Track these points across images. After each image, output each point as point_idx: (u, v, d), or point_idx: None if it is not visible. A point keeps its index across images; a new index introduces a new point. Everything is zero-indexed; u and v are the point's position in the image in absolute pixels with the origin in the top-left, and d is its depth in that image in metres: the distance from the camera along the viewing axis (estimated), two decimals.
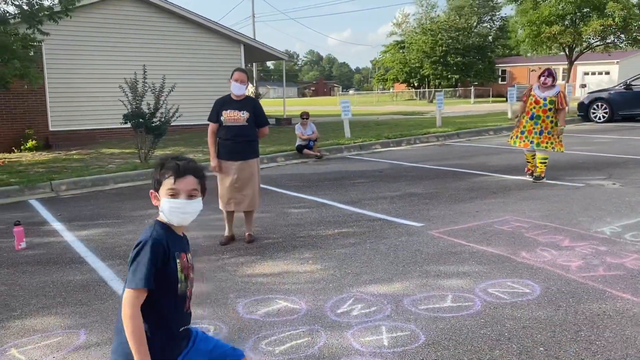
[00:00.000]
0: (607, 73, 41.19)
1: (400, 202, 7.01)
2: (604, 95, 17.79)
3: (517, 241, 5.10)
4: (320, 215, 6.47)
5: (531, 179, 8.03)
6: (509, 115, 18.92)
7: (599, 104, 17.62)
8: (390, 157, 11.45)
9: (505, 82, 47.89)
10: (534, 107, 7.81)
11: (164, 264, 1.99)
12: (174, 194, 2.02)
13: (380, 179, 8.84)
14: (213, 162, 5.35)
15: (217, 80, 16.60)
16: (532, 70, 43.22)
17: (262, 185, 5.86)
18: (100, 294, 4.20)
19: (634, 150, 10.88)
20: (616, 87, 18.20)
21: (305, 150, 11.68)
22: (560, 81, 34.69)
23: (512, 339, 3.19)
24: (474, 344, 3.14)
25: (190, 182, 2.05)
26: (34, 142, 14.34)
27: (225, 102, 5.37)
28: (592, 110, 17.76)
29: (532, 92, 7.90)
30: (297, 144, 11.87)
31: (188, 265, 2.11)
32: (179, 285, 2.05)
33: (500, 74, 49.66)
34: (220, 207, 5.47)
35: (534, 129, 7.86)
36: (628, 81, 17.56)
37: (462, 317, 3.52)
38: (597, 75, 42.01)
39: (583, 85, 34.50)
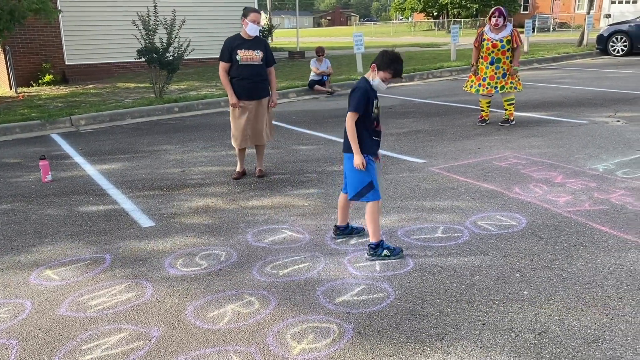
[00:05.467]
0: (635, 2, 39.44)
1: (406, 139, 7.24)
2: (624, 27, 17.35)
3: (512, 177, 5.37)
4: (327, 152, 6.76)
5: (483, 125, 7.83)
6: (525, 49, 18.53)
7: (619, 36, 17.23)
8: (401, 93, 11.54)
9: (527, 12, 46.26)
10: (492, 52, 7.46)
11: (367, 102, 3.66)
12: (385, 80, 3.66)
13: (389, 115, 9.02)
14: (233, 99, 5.50)
15: (226, 13, 16.47)
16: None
17: (273, 122, 6.11)
18: (122, 224, 4.61)
19: None
20: (638, 19, 17.68)
21: (317, 87, 11.80)
22: (584, 11, 33.44)
23: (493, 266, 3.53)
24: (457, 270, 3.49)
25: (394, 80, 3.77)
26: (51, 76, 14.60)
27: (238, 42, 5.46)
28: (611, 43, 17.39)
29: (486, 36, 7.49)
30: (310, 79, 11.97)
31: (377, 106, 3.80)
32: (372, 113, 3.74)
33: (523, 2, 47.83)
34: (234, 144, 5.75)
35: (496, 74, 7.53)
36: None
37: (450, 246, 3.86)
38: (625, 4, 40.27)
39: (607, 16, 33.25)
